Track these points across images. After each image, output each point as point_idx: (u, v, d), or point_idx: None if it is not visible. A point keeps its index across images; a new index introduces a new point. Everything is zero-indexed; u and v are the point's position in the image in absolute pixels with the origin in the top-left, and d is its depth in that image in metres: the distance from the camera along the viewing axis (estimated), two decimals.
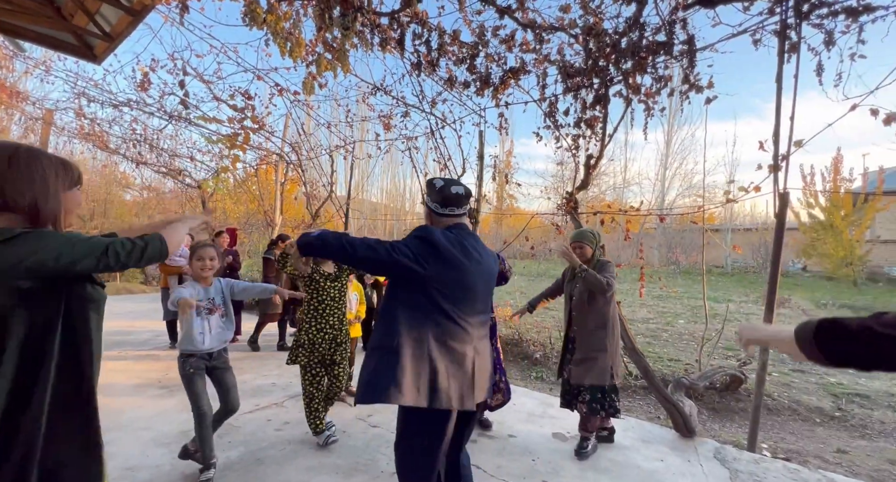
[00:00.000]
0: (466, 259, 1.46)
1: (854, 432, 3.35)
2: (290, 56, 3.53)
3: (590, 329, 2.59)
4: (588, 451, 2.54)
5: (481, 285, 1.52)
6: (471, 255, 1.48)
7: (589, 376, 2.52)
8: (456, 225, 1.55)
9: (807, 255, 15.97)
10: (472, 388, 1.43)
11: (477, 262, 1.50)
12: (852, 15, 2.39)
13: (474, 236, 1.58)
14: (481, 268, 1.51)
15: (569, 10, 3.02)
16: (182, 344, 2.11)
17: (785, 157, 2.65)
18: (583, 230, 2.87)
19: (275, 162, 7.30)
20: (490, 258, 1.60)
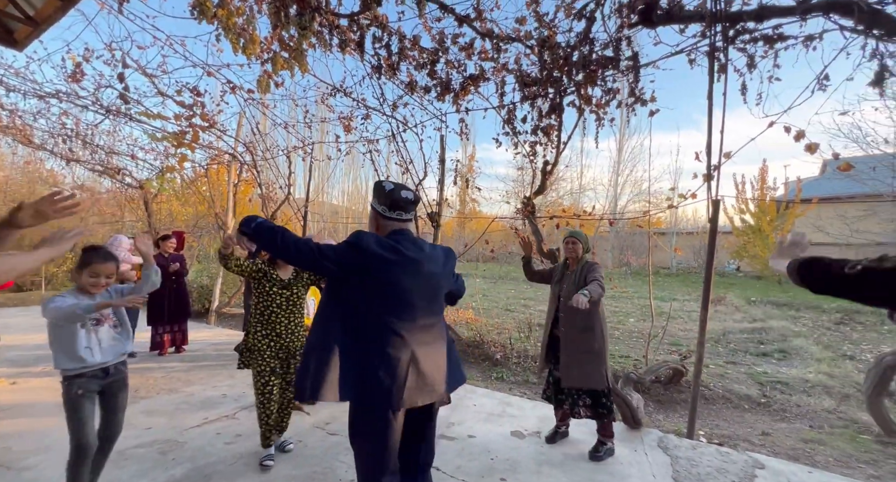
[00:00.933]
0: (401, 265, 1.45)
1: (776, 416, 3.72)
2: (244, 53, 3.40)
3: (578, 330, 2.60)
4: (603, 455, 2.55)
5: (421, 290, 1.50)
6: (407, 261, 1.47)
7: (581, 379, 2.56)
8: (399, 230, 1.56)
9: (739, 257, 17.47)
10: (405, 390, 1.42)
11: (415, 268, 1.48)
12: (769, 42, 2.69)
13: (418, 241, 1.57)
14: (420, 273, 1.49)
15: (525, 23, 3.16)
16: (61, 363, 1.77)
17: (716, 167, 2.92)
18: (577, 230, 2.90)
19: (227, 162, 6.95)
20: (437, 260, 1.58)
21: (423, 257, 1.53)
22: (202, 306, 8.47)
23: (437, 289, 1.58)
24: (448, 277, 1.64)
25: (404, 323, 1.45)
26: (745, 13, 2.58)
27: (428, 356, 1.49)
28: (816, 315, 9.39)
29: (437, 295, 1.58)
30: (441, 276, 1.59)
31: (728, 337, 6.66)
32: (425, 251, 1.56)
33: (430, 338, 1.52)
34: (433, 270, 1.55)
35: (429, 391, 1.48)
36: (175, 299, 4.68)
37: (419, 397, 1.46)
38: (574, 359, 2.59)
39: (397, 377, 1.42)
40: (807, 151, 2.44)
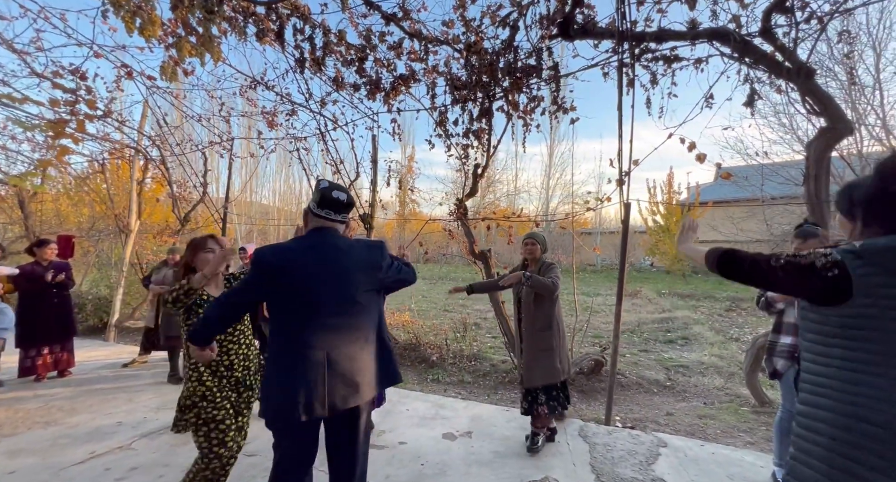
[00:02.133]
0: (299, 268, 1.43)
1: (678, 396, 4.17)
2: (142, 34, 3.01)
3: (536, 329, 2.62)
4: (539, 446, 2.63)
5: (329, 290, 1.45)
6: (307, 263, 1.45)
7: (541, 377, 2.58)
8: (319, 228, 1.54)
9: (652, 254, 19.49)
10: (325, 396, 1.38)
11: (317, 268, 1.45)
12: (667, 61, 2.99)
13: (332, 238, 1.52)
14: (325, 272, 1.46)
15: (452, 26, 3.18)
16: None
17: (627, 173, 3.18)
18: (535, 231, 2.92)
19: (129, 157, 6.14)
20: (353, 256, 1.52)
21: (328, 255, 1.48)
22: (99, 320, 7.41)
23: (351, 286, 1.49)
24: (369, 271, 1.55)
25: (313, 326, 1.42)
26: (648, 34, 2.85)
27: (346, 357, 1.44)
28: (711, 303, 10.74)
29: (352, 292, 1.49)
30: (356, 272, 1.51)
31: (642, 327, 7.35)
32: (337, 249, 1.51)
33: (348, 339, 1.46)
34: (344, 267, 1.49)
35: (351, 394, 1.43)
36: (56, 315, 4.01)
37: (340, 401, 1.40)
38: (534, 358, 2.62)
39: (307, 384, 1.37)
40: (697, 161, 2.76)
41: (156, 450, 2.54)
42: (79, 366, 4.39)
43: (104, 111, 4.83)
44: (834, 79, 5.96)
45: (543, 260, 2.75)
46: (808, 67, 2.46)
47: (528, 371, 2.62)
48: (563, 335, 2.70)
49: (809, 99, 2.56)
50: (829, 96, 2.52)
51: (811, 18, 2.39)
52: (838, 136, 2.52)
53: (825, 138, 2.54)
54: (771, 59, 2.59)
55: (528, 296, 2.65)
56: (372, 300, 1.56)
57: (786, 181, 9.08)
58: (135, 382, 3.92)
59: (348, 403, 1.42)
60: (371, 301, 1.55)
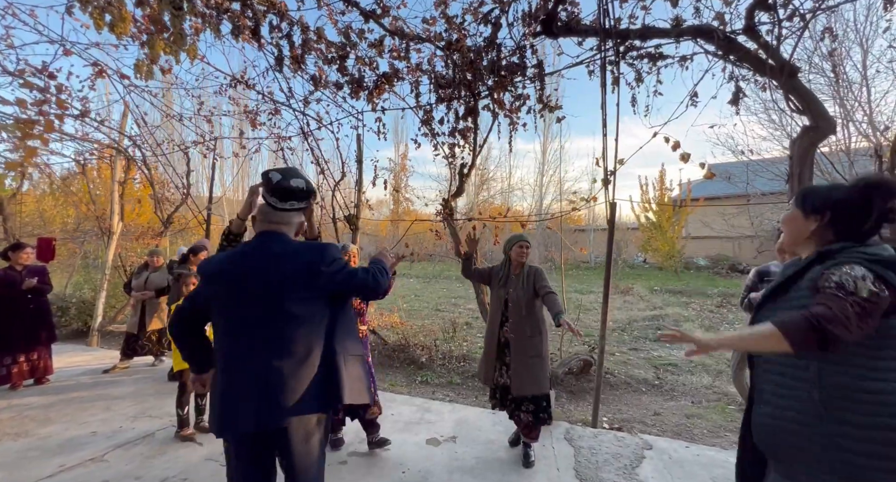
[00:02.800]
0: (234, 276, 1.39)
1: (667, 395, 4.16)
2: (112, 32, 2.91)
3: (527, 335, 2.53)
4: (532, 458, 2.54)
5: (265, 297, 1.36)
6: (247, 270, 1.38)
7: (532, 386, 2.47)
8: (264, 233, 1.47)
9: (645, 250, 19.59)
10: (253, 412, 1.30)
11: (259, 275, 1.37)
12: (652, 59, 2.95)
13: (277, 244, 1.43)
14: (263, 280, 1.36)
15: (434, 23, 3.11)
16: None
17: (612, 172, 3.14)
18: (523, 234, 2.85)
19: (109, 157, 6.00)
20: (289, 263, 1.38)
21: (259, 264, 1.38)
22: (83, 324, 7.26)
23: (282, 295, 1.36)
24: (306, 277, 1.37)
25: (242, 338, 1.36)
26: (632, 31, 2.80)
27: (277, 372, 1.32)
28: (702, 300, 10.80)
29: (283, 302, 1.35)
30: (289, 279, 1.36)
31: (633, 325, 7.36)
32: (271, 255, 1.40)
33: (280, 352, 1.33)
34: (274, 275, 1.36)
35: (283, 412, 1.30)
36: (31, 321, 3.90)
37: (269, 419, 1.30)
38: (524, 365, 2.50)
39: (233, 399, 1.34)
40: (681, 160, 2.73)
41: (129, 462, 2.46)
42: (58, 372, 4.28)
43: (81, 110, 4.70)
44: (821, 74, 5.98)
45: (529, 264, 2.69)
46: (791, 65, 2.43)
47: (518, 379, 2.49)
48: (548, 341, 2.62)
49: (793, 97, 2.53)
50: (812, 94, 2.49)
51: (794, 16, 2.36)
52: (822, 135, 2.50)
53: (808, 137, 2.52)
54: (754, 56, 2.56)
55: (520, 300, 2.54)
56: (314, 310, 1.39)
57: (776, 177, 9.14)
58: (114, 390, 3.83)
59: (281, 422, 1.31)
60: (313, 311, 1.38)
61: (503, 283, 2.69)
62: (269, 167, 1.93)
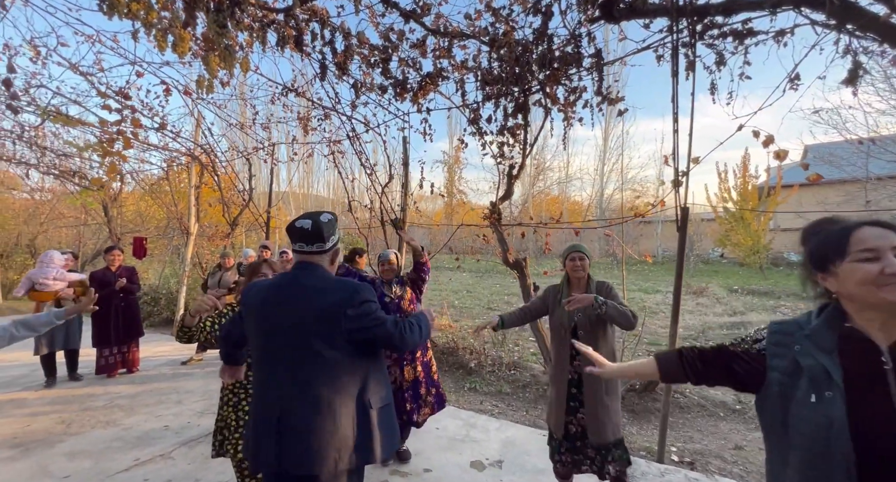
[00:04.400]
0: (266, 310, 1.37)
1: (750, 424, 3.62)
2: (175, 51, 3.08)
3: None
4: None
5: (292, 334, 1.32)
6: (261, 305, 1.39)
7: (612, 431, 2.04)
8: (301, 263, 1.43)
9: (722, 244, 17.62)
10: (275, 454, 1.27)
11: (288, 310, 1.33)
12: (738, 37, 2.47)
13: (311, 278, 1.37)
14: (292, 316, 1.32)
15: (479, 17, 2.88)
16: None
17: (685, 173, 2.72)
18: (577, 244, 2.34)
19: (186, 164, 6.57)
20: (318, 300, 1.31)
21: (290, 297, 1.34)
22: (171, 313, 8.13)
23: (307, 334, 1.29)
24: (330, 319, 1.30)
25: (271, 374, 1.34)
26: (713, 6, 2.36)
27: (300, 416, 1.26)
28: (795, 303, 9.44)
29: (309, 342, 1.29)
30: (314, 318, 1.30)
31: (707, 333, 6.60)
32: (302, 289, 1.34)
33: (302, 395, 1.27)
34: (302, 312, 1.31)
35: (304, 460, 1.23)
36: (123, 319, 4.38)
37: (290, 465, 1.25)
38: (603, 406, 2.03)
39: (256, 437, 1.32)
40: (776, 158, 2.26)
41: (192, 461, 2.64)
42: (145, 360, 4.80)
43: (160, 123, 5.17)
44: None
45: (593, 278, 2.22)
46: None
47: (596, 423, 2.01)
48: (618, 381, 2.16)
49: None
50: None
51: None
52: None
53: None
54: (884, 22, 2.01)
55: (594, 327, 2.07)
56: (343, 353, 1.30)
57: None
58: (186, 383, 4.19)
59: (302, 469, 1.24)
60: (342, 354, 1.30)
61: (560, 306, 2.18)
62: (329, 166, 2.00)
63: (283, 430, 1.27)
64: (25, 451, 2.74)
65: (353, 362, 1.33)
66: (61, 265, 3.96)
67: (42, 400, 3.66)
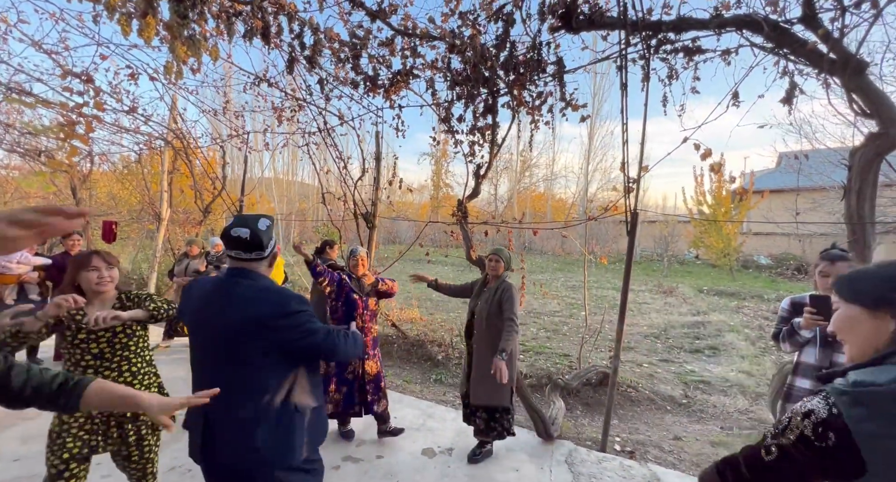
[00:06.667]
0: (200, 313, 1.40)
1: (693, 417, 3.86)
2: (140, 36, 3.04)
3: (490, 350, 2.57)
4: (480, 458, 2.72)
5: (222, 339, 1.33)
6: (194, 310, 1.42)
7: (485, 397, 2.61)
8: (234, 269, 1.39)
9: (697, 246, 18.21)
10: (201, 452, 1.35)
11: (219, 315, 1.33)
12: (688, 53, 2.60)
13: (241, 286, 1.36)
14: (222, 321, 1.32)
15: (446, 20, 2.94)
16: None
17: (635, 180, 2.87)
18: (500, 247, 2.87)
19: (159, 148, 6.45)
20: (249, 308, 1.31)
21: (221, 303, 1.34)
22: None
23: (236, 340, 1.30)
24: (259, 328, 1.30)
25: (201, 374, 1.40)
26: (665, 23, 2.48)
27: (226, 420, 1.31)
28: (757, 304, 9.88)
29: (237, 348, 1.30)
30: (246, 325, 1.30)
31: (669, 331, 6.89)
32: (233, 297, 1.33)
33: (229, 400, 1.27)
34: (233, 318, 1.30)
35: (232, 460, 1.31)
36: None
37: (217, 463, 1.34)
38: (482, 376, 2.59)
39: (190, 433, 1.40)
40: (711, 171, 2.41)
41: None
42: None
43: (130, 106, 5.06)
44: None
45: (503, 278, 2.72)
46: (857, 60, 2.03)
47: (475, 387, 2.64)
48: (515, 357, 2.66)
49: (858, 97, 2.13)
50: (882, 95, 2.08)
51: (863, 2, 1.94)
52: (891, 144, 2.09)
53: (874, 145, 2.12)
54: (811, 49, 2.16)
55: (481, 313, 2.65)
56: (273, 361, 1.32)
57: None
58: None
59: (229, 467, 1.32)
60: (270, 362, 1.31)
61: (476, 294, 2.80)
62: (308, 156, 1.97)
63: (212, 433, 1.32)
64: None
65: (283, 368, 1.35)
66: (30, 250, 3.88)
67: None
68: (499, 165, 26.37)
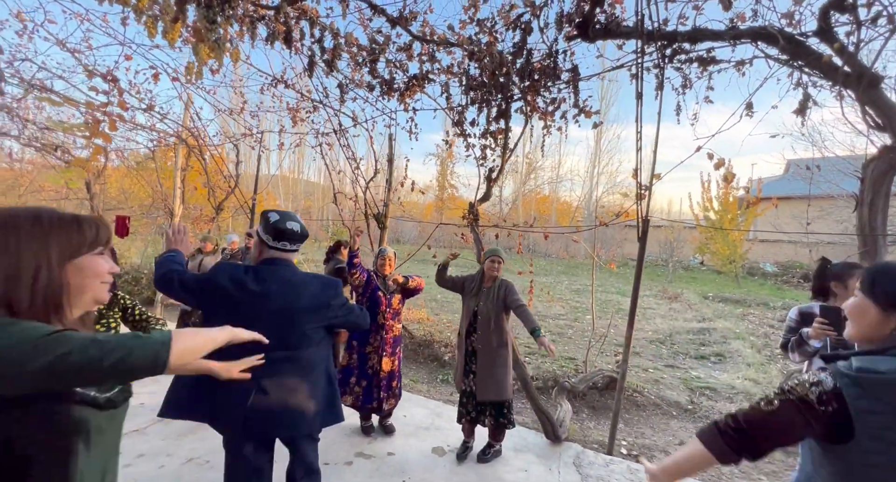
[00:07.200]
0: (242, 300, 1.48)
1: (699, 423, 3.88)
2: (165, 38, 3.12)
3: (494, 346, 2.70)
4: (489, 457, 2.79)
5: (278, 320, 1.51)
6: (250, 295, 1.49)
7: (495, 392, 2.67)
8: (275, 260, 1.58)
9: (702, 252, 18.14)
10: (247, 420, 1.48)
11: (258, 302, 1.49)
12: (703, 64, 2.64)
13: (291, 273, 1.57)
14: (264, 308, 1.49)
15: (464, 27, 3.00)
16: None
17: (647, 187, 2.91)
18: (498, 248, 2.95)
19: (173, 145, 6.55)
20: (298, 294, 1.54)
21: (277, 289, 1.52)
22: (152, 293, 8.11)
23: (295, 320, 1.54)
24: (319, 309, 1.58)
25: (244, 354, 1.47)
26: (680, 34, 2.52)
27: (281, 388, 1.50)
28: (763, 312, 9.83)
29: (296, 326, 1.54)
30: (303, 307, 1.54)
31: (674, 337, 6.90)
32: (287, 283, 1.54)
33: (286, 370, 1.51)
34: (291, 302, 1.52)
35: (282, 425, 1.52)
36: None
37: (265, 429, 1.51)
38: (490, 373, 2.69)
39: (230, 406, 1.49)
40: (724, 181, 2.44)
41: (165, 438, 2.75)
42: None
43: (148, 104, 5.16)
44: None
45: (500, 278, 2.82)
46: (871, 74, 2.06)
47: (484, 384, 2.69)
48: (512, 350, 2.82)
49: (871, 110, 2.16)
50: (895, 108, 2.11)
51: (879, 17, 1.98)
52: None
53: (887, 158, 2.14)
54: (826, 62, 2.20)
55: (489, 312, 2.71)
56: (320, 336, 1.60)
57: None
58: None
59: (278, 433, 1.54)
60: (319, 337, 1.60)
61: (474, 294, 2.84)
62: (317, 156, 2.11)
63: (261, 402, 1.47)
64: None
65: (326, 342, 1.64)
66: None
67: None
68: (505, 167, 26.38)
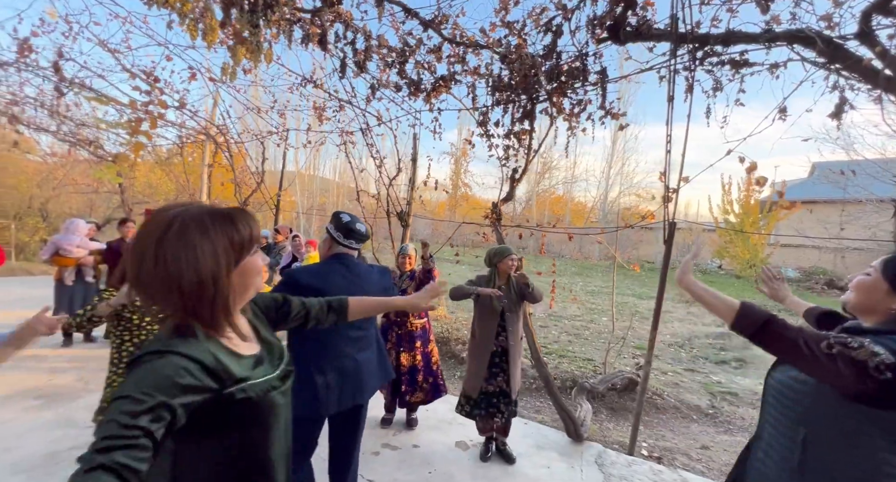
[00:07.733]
0: (330, 285, 1.72)
1: (720, 428, 3.85)
2: (204, 40, 3.25)
3: (519, 339, 2.84)
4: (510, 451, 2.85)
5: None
6: (335, 287, 1.72)
7: (518, 385, 2.84)
8: (342, 254, 1.86)
9: (721, 256, 17.77)
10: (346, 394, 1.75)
11: (354, 288, 1.76)
12: (735, 66, 2.63)
13: (354, 264, 1.87)
14: (357, 291, 1.72)
15: (494, 29, 3.04)
16: None
17: (675, 190, 2.90)
18: (510, 247, 2.97)
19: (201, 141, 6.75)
20: (370, 280, 1.89)
21: (352, 280, 1.82)
22: None
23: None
24: (381, 293, 1.90)
25: (343, 337, 1.78)
26: (713, 36, 2.51)
27: (364, 361, 1.83)
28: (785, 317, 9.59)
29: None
30: (372, 292, 1.82)
31: (693, 341, 6.83)
32: (359, 274, 1.86)
33: (364, 347, 1.86)
34: (364, 288, 1.81)
35: (362, 392, 1.81)
36: None
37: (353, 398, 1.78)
38: (517, 368, 2.82)
39: (338, 385, 1.73)
40: (756, 185, 2.43)
41: None
42: None
43: (180, 102, 5.34)
44: None
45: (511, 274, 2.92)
46: None
47: (515, 380, 2.77)
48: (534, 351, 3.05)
49: None
50: None
51: None
52: None
53: None
54: (866, 66, 2.17)
55: (514, 306, 2.80)
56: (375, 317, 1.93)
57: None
58: None
59: (359, 399, 1.80)
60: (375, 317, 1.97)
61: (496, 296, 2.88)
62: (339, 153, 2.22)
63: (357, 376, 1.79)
64: (49, 403, 2.99)
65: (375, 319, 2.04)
66: (84, 234, 4.17)
67: (60, 357, 3.91)
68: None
